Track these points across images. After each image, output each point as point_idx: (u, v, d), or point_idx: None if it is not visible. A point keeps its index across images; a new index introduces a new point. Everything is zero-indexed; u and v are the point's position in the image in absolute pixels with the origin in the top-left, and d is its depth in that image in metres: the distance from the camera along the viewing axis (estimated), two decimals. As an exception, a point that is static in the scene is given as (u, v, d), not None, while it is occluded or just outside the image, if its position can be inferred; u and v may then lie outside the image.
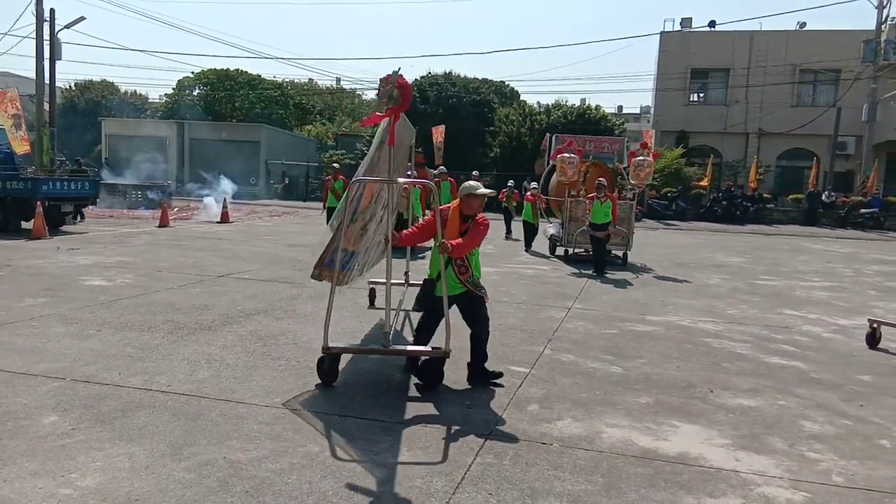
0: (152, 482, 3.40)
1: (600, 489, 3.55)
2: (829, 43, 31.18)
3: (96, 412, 4.31)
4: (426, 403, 4.74)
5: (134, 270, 9.99)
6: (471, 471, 3.69)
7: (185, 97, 50.85)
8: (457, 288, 5.14)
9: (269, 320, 7.07)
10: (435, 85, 36.81)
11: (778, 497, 3.55)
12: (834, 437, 4.45)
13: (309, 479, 3.50)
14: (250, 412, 4.41)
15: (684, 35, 35.09)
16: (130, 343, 5.97)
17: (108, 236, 14.95)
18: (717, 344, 6.88)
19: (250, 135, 39.22)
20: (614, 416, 4.66)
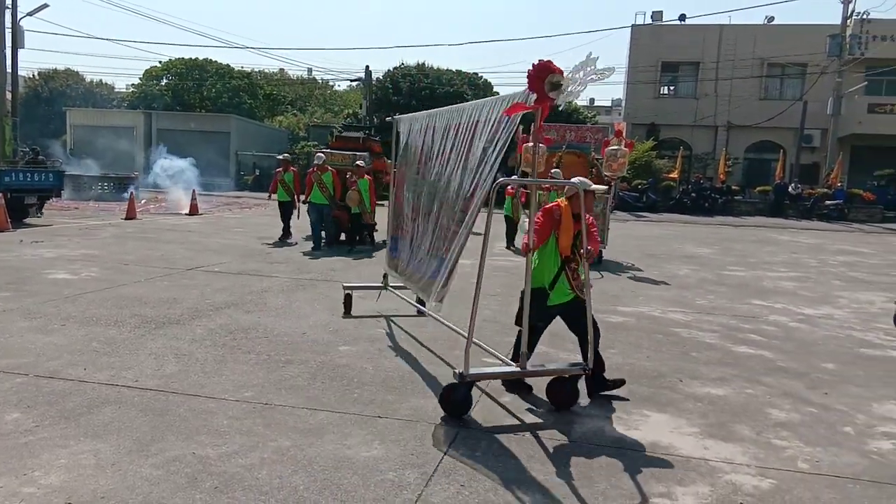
0: (118, 479, 3.34)
1: (572, 479, 3.57)
2: (796, 37, 31.67)
3: (61, 408, 4.22)
4: (399, 397, 4.72)
5: (100, 263, 9.79)
6: (443, 462, 3.69)
7: (152, 87, 49.93)
8: (567, 295, 4.73)
9: (240, 314, 6.99)
10: (408, 76, 36.69)
11: (745, 484, 3.61)
12: (799, 424, 4.53)
13: (280, 474, 3.46)
14: (220, 407, 4.35)
15: (655, 28, 35.36)
16: (96, 338, 5.85)
17: (72, 228, 14.63)
18: (686, 334, 6.97)
19: (220, 125, 38.67)
20: (585, 406, 4.69)
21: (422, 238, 5.87)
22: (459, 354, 5.75)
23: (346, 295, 7.25)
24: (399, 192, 6.84)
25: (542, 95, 4.07)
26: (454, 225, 5.06)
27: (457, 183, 5.16)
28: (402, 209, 6.66)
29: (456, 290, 5.94)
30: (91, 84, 52.00)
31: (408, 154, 6.72)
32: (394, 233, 6.92)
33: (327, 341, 6.06)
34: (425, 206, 5.89)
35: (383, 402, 4.59)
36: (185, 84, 48.69)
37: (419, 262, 5.82)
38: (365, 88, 36.51)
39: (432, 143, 5.96)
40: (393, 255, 6.86)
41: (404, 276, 6.30)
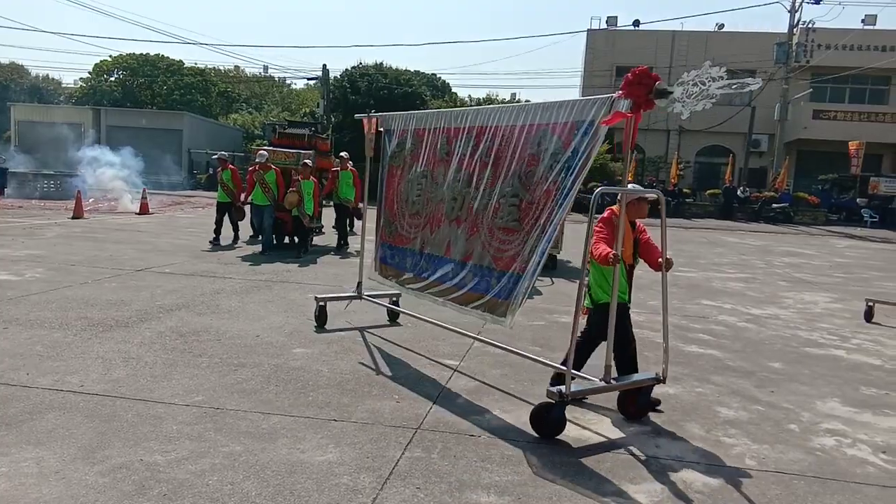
0: (63, 488, 3.23)
1: (526, 479, 3.59)
2: (745, 44, 32.57)
3: (1, 415, 4.06)
4: (355, 399, 4.68)
5: (45, 264, 9.47)
6: (399, 465, 3.67)
7: (101, 82, 48.60)
8: (623, 302, 4.67)
9: (191, 316, 6.83)
10: (366, 76, 36.55)
11: (695, 482, 3.68)
12: (747, 422, 4.65)
13: (231, 480, 3.39)
14: (169, 412, 4.25)
15: (610, 33, 35.94)
16: (40, 341, 5.65)
17: (16, 228, 14.11)
18: (638, 333, 7.07)
19: (172, 122, 37.86)
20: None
21: (445, 247, 5.45)
22: (415, 356, 5.77)
23: (321, 307, 6.69)
24: (391, 195, 6.34)
25: (642, 102, 4.02)
26: (519, 236, 4.67)
27: (510, 190, 4.78)
28: (398, 214, 6.18)
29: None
30: (37, 79, 50.35)
31: (402, 155, 6.18)
32: (387, 240, 6.40)
33: (281, 344, 5.98)
34: (450, 213, 5.43)
35: (339, 404, 4.55)
36: (136, 80, 47.54)
37: (446, 273, 5.40)
38: (322, 87, 36.18)
39: (450, 146, 5.51)
40: (388, 264, 6.37)
41: (413, 285, 5.85)
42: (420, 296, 5.85)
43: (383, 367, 5.46)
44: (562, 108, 4.49)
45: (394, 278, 6.27)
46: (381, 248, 6.54)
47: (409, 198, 6.01)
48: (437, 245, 5.59)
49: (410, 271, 5.96)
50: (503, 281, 4.78)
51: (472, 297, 5.09)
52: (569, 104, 4.45)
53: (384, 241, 6.47)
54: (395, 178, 6.27)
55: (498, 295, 4.80)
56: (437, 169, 5.66)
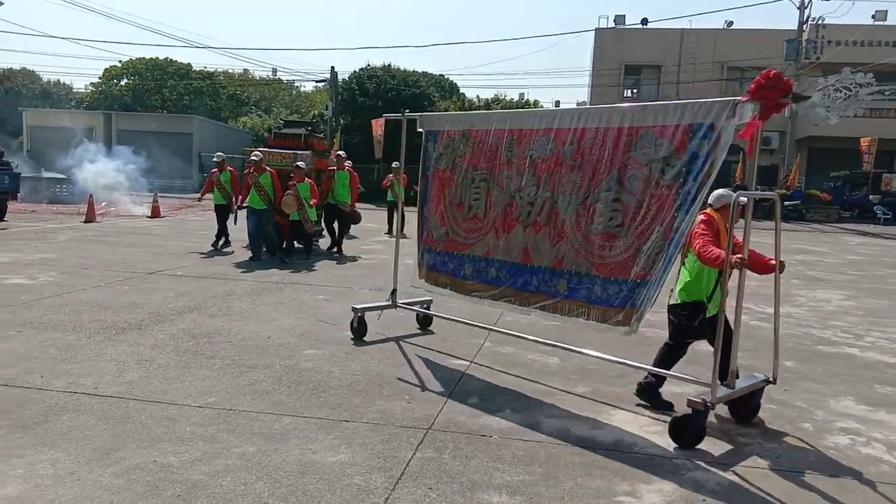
0: (77, 489, 3.26)
1: (538, 479, 3.59)
2: (755, 41, 32.38)
3: (17, 417, 4.10)
4: (366, 400, 4.69)
5: (58, 268, 9.55)
6: (410, 466, 3.68)
7: (112, 87, 48.96)
8: (716, 307, 4.48)
9: (203, 318, 6.87)
10: (374, 77, 36.60)
11: (709, 480, 3.67)
12: (760, 420, 4.62)
13: (244, 481, 3.41)
14: (182, 413, 4.28)
15: (618, 32, 35.83)
16: (54, 344, 5.70)
17: (29, 232, 14.24)
18: (651, 333, 7.05)
19: (182, 126, 38.08)
20: (552, 406, 4.72)
21: (521, 253, 5.20)
22: (426, 356, 5.77)
23: (359, 318, 6.30)
24: (437, 199, 5.97)
25: (773, 105, 3.95)
26: (624, 241, 4.52)
27: (609, 195, 4.61)
28: (449, 219, 5.84)
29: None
30: (48, 84, 50.80)
31: (451, 157, 5.83)
32: (437, 246, 5.99)
33: (293, 345, 6.00)
34: (524, 218, 5.17)
35: (350, 405, 4.56)
36: (146, 84, 47.86)
37: (529, 280, 5.15)
38: (331, 89, 36.29)
39: (519, 148, 5.22)
40: (439, 271, 5.99)
41: (481, 293, 5.58)
42: (493, 304, 5.59)
43: (394, 367, 5.47)
44: (670, 110, 4.37)
45: (449, 286, 5.92)
46: (427, 254, 6.14)
47: (466, 202, 5.67)
48: (509, 251, 5.32)
49: (473, 278, 5.65)
50: (615, 288, 4.59)
51: (573, 306, 4.86)
52: (679, 106, 4.34)
53: (431, 247, 6.08)
54: (442, 181, 5.93)
55: (608, 303, 4.61)
56: (502, 172, 5.37)
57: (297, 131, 13.47)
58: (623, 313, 4.53)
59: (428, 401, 4.71)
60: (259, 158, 11.31)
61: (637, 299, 4.46)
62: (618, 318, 4.56)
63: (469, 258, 5.68)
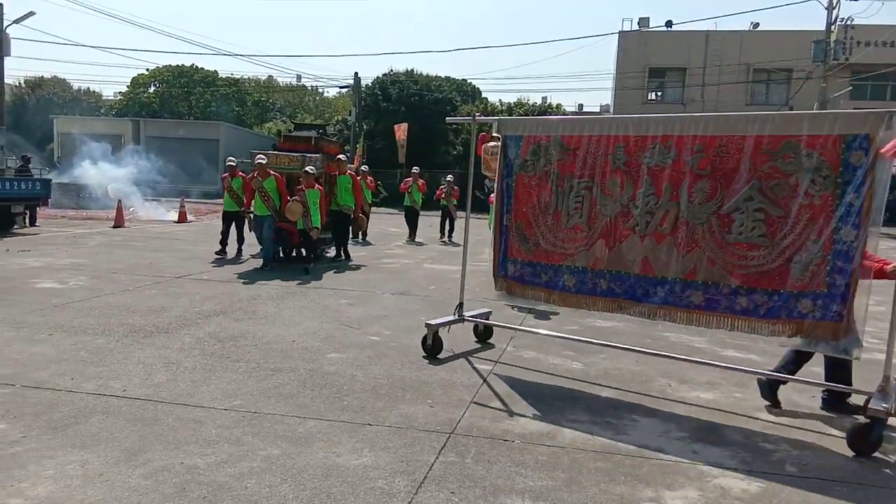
0: (106, 490, 3.32)
1: (561, 485, 3.58)
2: (782, 43, 32.00)
3: (48, 419, 4.18)
4: (389, 404, 4.71)
5: (87, 272, 9.73)
6: (433, 470, 3.69)
7: (140, 94, 49.80)
8: None
9: (229, 322, 6.96)
10: (397, 83, 36.77)
11: (734, 488, 3.63)
12: (787, 428, 4.56)
13: (269, 483, 3.45)
14: (208, 416, 4.33)
15: (642, 35, 35.62)
16: (84, 347, 5.81)
17: (60, 237, 14.53)
18: (674, 338, 7.00)
19: (208, 132, 38.56)
20: (575, 411, 4.70)
21: (639, 264, 5.09)
22: (448, 361, 5.78)
23: (435, 335, 5.92)
24: (524, 208, 5.68)
25: None
26: (769, 251, 4.52)
27: (750, 204, 4.57)
28: (539, 228, 5.59)
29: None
30: (78, 92, 51.80)
31: (538, 163, 5.57)
32: (525, 257, 5.71)
33: (316, 349, 6.05)
34: (642, 228, 5.04)
35: (373, 409, 4.59)
36: (173, 91, 48.60)
37: (652, 291, 5.06)
38: (354, 95, 36.54)
39: (631, 155, 5.07)
40: (527, 282, 5.73)
41: (593, 306, 5.44)
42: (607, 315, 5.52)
43: (416, 371, 5.49)
44: (816, 119, 4.33)
45: (543, 298, 5.70)
46: (511, 265, 5.82)
47: (564, 211, 5.45)
48: (623, 262, 5.17)
49: (578, 290, 5.45)
50: (762, 298, 4.59)
51: (712, 317, 4.82)
52: (827, 116, 4.31)
53: (516, 258, 5.78)
54: (528, 188, 5.64)
55: (755, 313, 4.61)
56: (609, 180, 5.18)
57: (307, 134, 12.86)
58: (781, 324, 4.56)
59: (450, 405, 4.72)
60: (264, 161, 10.84)
61: (803, 310, 4.46)
62: (774, 328, 4.59)
63: (570, 269, 5.46)
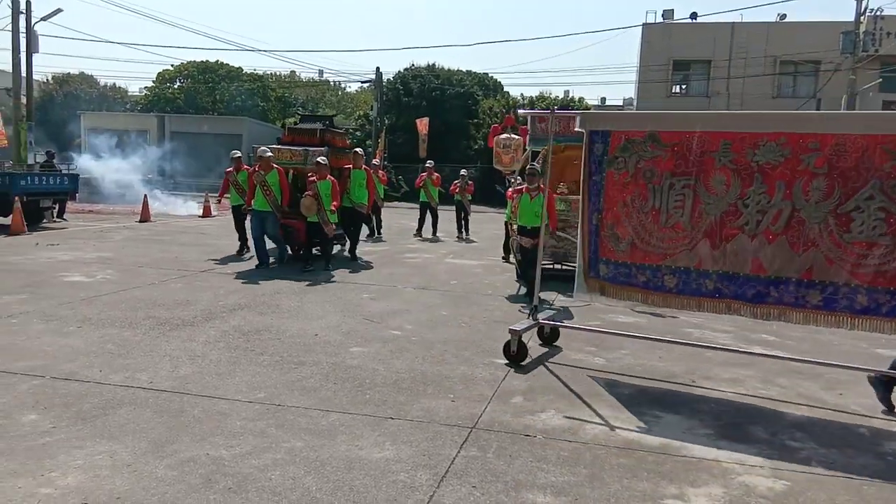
0: (134, 480, 3.38)
1: (583, 480, 3.57)
2: (809, 34, 31.44)
3: (77, 410, 4.26)
4: (410, 398, 4.73)
5: (114, 266, 9.88)
6: (455, 464, 3.70)
7: (165, 90, 50.34)
8: None
9: (253, 315, 7.03)
10: (418, 77, 36.78)
11: (759, 485, 3.59)
12: (814, 425, 4.50)
13: (293, 475, 3.49)
14: (233, 408, 4.39)
15: (666, 27, 35.21)
16: (111, 339, 5.91)
17: (87, 231, 14.77)
18: (699, 334, 6.94)
19: (232, 127, 38.90)
20: (597, 406, 4.69)
21: (749, 264, 5.01)
22: (469, 356, 5.79)
23: (520, 341, 5.65)
24: (613, 205, 5.50)
25: None
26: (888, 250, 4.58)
27: (872, 203, 4.59)
28: (631, 226, 5.42)
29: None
30: (105, 88, 52.46)
31: (629, 159, 5.38)
32: (618, 257, 5.52)
33: (339, 342, 6.09)
34: (752, 227, 4.96)
35: (395, 403, 4.61)
36: (198, 87, 49.05)
37: (762, 291, 4.98)
38: (375, 90, 36.62)
39: (738, 153, 4.96)
40: (621, 283, 5.55)
41: (699, 307, 5.31)
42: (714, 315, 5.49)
43: (438, 366, 5.50)
44: None
45: (641, 300, 5.56)
46: (603, 265, 5.62)
47: (663, 209, 5.28)
48: (730, 262, 5.07)
49: (681, 291, 5.32)
50: (884, 297, 4.63)
51: (831, 317, 4.82)
52: None
53: (609, 258, 5.58)
54: (620, 186, 5.46)
55: (877, 312, 4.67)
56: (714, 178, 5.06)
57: (311, 126, 12.01)
58: None
59: (471, 399, 4.73)
60: (268, 154, 10.23)
61: None
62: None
63: (671, 269, 5.32)
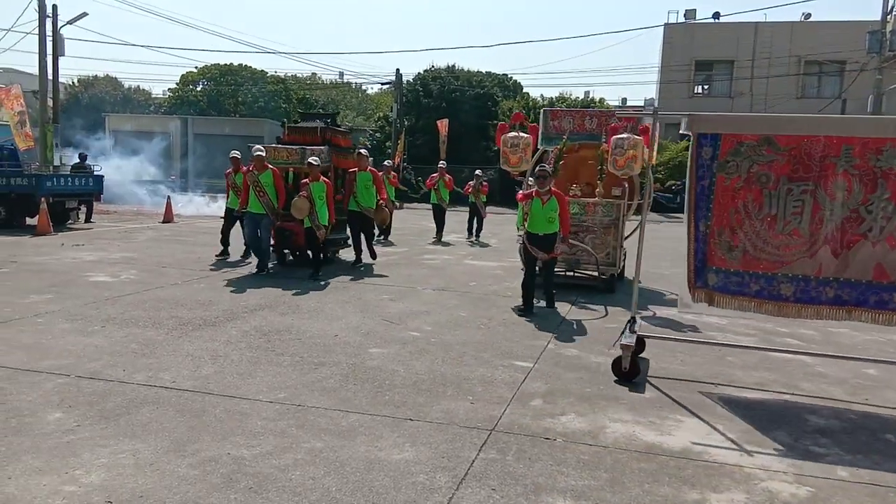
0: (157, 479, 3.41)
1: (604, 484, 3.54)
2: (834, 34, 31.00)
3: (101, 409, 4.32)
4: (430, 399, 4.73)
5: (138, 266, 10.01)
6: (474, 466, 3.69)
7: (188, 92, 50.88)
8: None
9: (273, 315, 7.08)
10: (438, 78, 36.81)
11: (782, 492, 3.54)
12: (839, 431, 4.43)
13: (312, 475, 3.50)
14: (254, 408, 4.42)
15: (688, 27, 34.92)
16: (135, 339, 5.98)
17: (112, 232, 14.98)
18: (721, 337, 6.87)
19: (253, 129, 39.17)
20: (617, 410, 4.65)
21: (871, 270, 4.97)
22: (488, 358, 5.78)
23: (632, 358, 5.33)
24: (724, 211, 5.32)
25: None
26: None
27: None
28: (744, 233, 5.27)
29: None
30: (129, 90, 53.14)
31: (742, 164, 5.21)
32: (729, 265, 5.35)
33: (358, 343, 6.11)
34: (876, 234, 4.92)
35: (414, 404, 4.62)
36: (221, 89, 49.51)
37: (884, 298, 4.97)
38: (395, 91, 36.71)
39: (861, 158, 4.88)
40: (732, 292, 5.38)
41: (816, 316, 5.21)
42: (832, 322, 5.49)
43: (457, 367, 5.50)
44: None
45: (754, 309, 5.40)
46: (712, 273, 5.44)
47: (780, 216, 5.16)
48: (852, 269, 5.02)
49: (799, 300, 5.20)
50: None
51: None
52: None
53: (719, 267, 5.41)
54: (731, 191, 5.29)
55: None
56: (835, 183, 4.97)
57: (311, 125, 11.34)
58: None
59: (491, 402, 4.72)
60: (261, 154, 9.79)
61: None
62: None
63: (787, 278, 5.20)
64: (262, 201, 9.63)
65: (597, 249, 9.23)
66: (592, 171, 9.70)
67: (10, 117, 15.56)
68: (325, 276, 9.65)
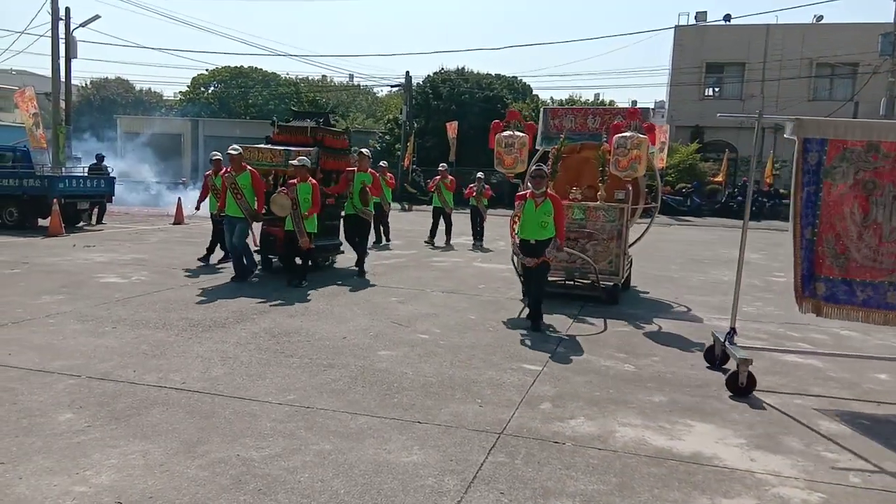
0: (166, 480, 3.43)
1: (613, 489, 3.53)
2: (846, 36, 30.81)
3: (111, 409, 4.34)
4: (438, 402, 4.73)
5: (149, 268, 10.06)
6: (483, 470, 3.69)
7: (199, 95, 51.17)
8: None
9: (283, 317, 7.10)
10: (447, 81, 36.82)
11: (793, 498, 3.51)
12: (850, 436, 4.39)
13: (321, 478, 3.51)
14: (263, 410, 4.43)
15: (699, 29, 34.79)
16: (145, 340, 6.01)
17: (123, 233, 15.07)
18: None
19: (263, 131, 39.31)
20: (627, 415, 4.63)
21: None
22: (497, 361, 5.77)
23: (750, 372, 5.21)
24: (831, 218, 5.24)
25: None
26: None
27: None
28: (853, 241, 5.22)
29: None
30: (140, 92, 53.53)
31: (848, 170, 5.17)
32: (838, 274, 5.28)
33: (367, 345, 6.12)
34: None
35: (423, 407, 4.61)
36: (231, 91, 49.77)
37: None
38: (405, 94, 36.76)
39: None
40: (841, 301, 5.32)
41: None
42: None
43: (466, 370, 5.49)
44: None
45: (862, 319, 5.35)
46: (820, 283, 5.36)
47: (887, 223, 5.14)
48: None
49: None
50: None
51: None
52: None
53: (827, 275, 5.33)
54: (838, 198, 5.21)
55: None
56: None
57: (301, 124, 10.76)
58: None
59: (500, 405, 4.71)
60: (237, 153, 9.11)
61: None
62: None
63: (894, 286, 5.19)
64: (239, 204, 9.03)
65: (599, 257, 8.51)
66: (595, 173, 8.99)
67: (25, 119, 15.71)
68: (333, 279, 9.66)
